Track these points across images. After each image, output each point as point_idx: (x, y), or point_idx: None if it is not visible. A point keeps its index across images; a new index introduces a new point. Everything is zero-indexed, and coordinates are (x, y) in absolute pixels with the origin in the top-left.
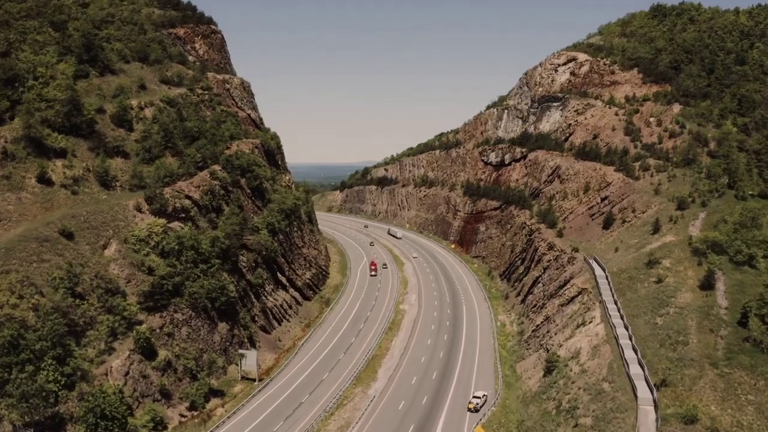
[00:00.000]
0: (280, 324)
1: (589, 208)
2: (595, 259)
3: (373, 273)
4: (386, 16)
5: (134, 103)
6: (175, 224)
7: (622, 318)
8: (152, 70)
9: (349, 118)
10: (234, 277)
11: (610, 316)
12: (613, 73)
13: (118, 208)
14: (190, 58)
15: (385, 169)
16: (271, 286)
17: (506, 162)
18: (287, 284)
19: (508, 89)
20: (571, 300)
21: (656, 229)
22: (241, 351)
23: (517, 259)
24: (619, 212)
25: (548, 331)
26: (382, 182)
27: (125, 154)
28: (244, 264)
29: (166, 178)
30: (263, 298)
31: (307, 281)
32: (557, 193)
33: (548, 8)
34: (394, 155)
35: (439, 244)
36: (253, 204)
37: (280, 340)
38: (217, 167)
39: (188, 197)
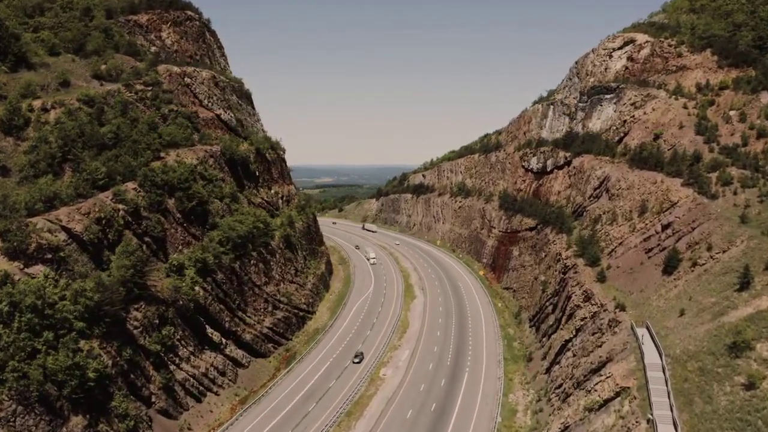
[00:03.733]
0: (200, 401)
1: (644, 240)
2: (648, 329)
3: None
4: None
5: (37, 104)
6: (37, 269)
7: None
8: (86, 64)
9: (422, 119)
10: (113, 344)
11: None
12: (680, 55)
13: None
14: (153, 48)
15: (423, 176)
16: (190, 348)
17: (548, 169)
18: (223, 341)
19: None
20: (604, 405)
21: (745, 282)
22: None
23: (548, 303)
24: (687, 248)
25: None
26: (418, 190)
27: (6, 170)
28: (137, 323)
29: (38, 204)
30: (171, 367)
31: (266, 331)
32: (604, 213)
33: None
34: (434, 159)
35: (469, 268)
36: (186, 232)
37: (189, 429)
38: (129, 185)
39: (66, 229)
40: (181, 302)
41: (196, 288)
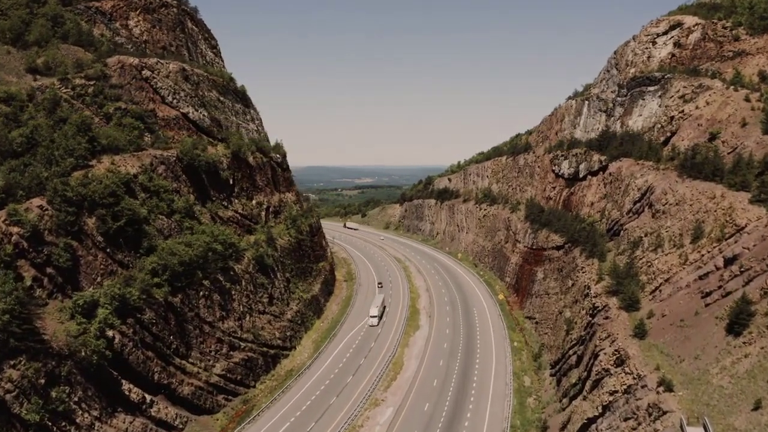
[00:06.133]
0: None
1: (700, 278)
2: (706, 430)
3: None
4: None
5: None
6: None
7: None
8: (25, 56)
9: (469, 119)
10: None
11: None
12: (737, 39)
13: None
14: (117, 39)
15: (448, 179)
16: (95, 413)
17: (580, 175)
18: (147, 399)
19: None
20: None
21: None
22: None
23: (572, 350)
24: (762, 296)
25: None
26: (443, 195)
27: None
28: (11, 385)
29: None
30: None
31: (215, 379)
32: (646, 235)
33: None
34: (461, 162)
35: (489, 289)
36: (109, 260)
37: None
38: (35, 202)
39: None
40: (83, 353)
41: (110, 333)
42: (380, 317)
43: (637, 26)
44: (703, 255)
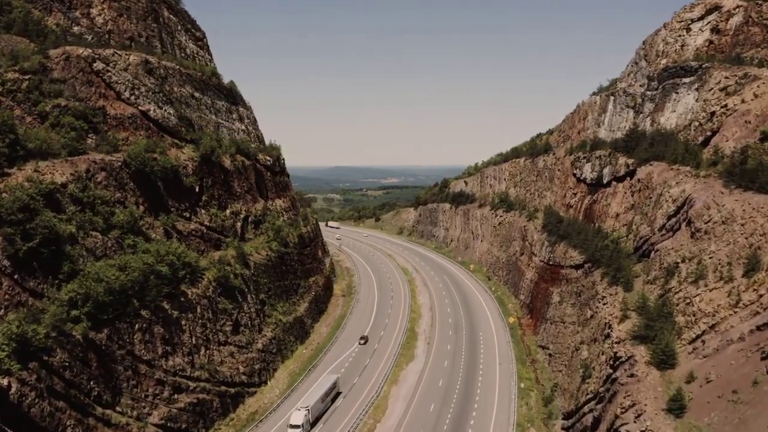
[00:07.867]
0: None
1: (758, 328)
2: None
3: None
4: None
5: None
6: None
7: None
8: None
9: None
10: None
11: None
12: None
13: None
14: (77, 29)
15: (464, 182)
16: None
17: (604, 180)
18: None
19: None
20: None
21: None
22: None
23: (588, 407)
24: None
25: None
26: (458, 200)
27: None
28: None
29: None
30: None
31: (152, 430)
32: (684, 261)
33: None
34: (478, 164)
35: (501, 308)
36: (18, 288)
37: None
38: None
39: None
40: None
41: (5, 381)
42: (312, 424)
43: (639, 25)
44: (761, 295)
